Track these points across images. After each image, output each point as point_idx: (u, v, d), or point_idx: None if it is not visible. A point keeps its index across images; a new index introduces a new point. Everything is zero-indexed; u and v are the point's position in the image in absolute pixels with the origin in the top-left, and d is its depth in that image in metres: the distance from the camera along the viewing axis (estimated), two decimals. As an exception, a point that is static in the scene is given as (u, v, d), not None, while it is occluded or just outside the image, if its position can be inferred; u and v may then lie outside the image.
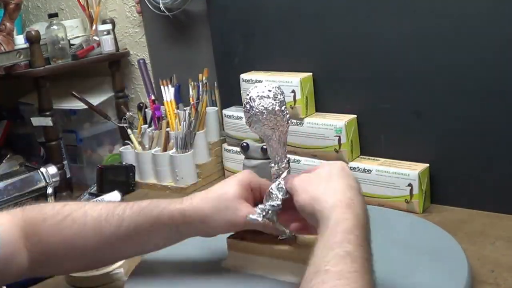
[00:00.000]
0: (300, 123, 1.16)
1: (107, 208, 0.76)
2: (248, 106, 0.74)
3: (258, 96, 0.73)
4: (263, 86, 0.73)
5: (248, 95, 0.74)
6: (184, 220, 0.74)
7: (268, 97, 0.72)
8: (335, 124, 1.12)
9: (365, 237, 0.59)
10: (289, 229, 0.73)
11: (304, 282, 0.54)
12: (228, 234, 0.80)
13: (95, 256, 0.77)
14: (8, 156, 1.58)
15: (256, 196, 0.76)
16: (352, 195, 0.63)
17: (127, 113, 1.51)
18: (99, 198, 1.20)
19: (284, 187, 0.72)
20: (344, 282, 0.52)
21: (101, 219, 0.75)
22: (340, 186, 0.64)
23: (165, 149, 1.39)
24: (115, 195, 1.18)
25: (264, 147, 1.05)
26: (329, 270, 0.53)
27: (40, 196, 1.32)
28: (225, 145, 1.36)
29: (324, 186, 0.65)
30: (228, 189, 0.74)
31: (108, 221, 0.75)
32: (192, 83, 1.41)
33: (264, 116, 0.72)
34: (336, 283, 0.52)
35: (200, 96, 1.40)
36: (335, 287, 0.51)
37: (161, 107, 1.46)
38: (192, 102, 1.39)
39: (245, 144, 1.08)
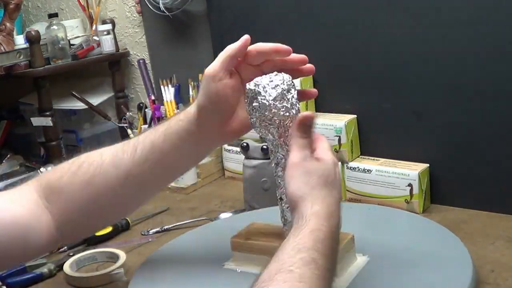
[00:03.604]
0: (300, 123, 1.16)
1: (122, 142, 0.76)
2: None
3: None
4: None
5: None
6: (189, 122, 0.73)
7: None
8: (335, 124, 1.12)
9: (333, 248, 0.62)
10: None
11: (265, 273, 0.56)
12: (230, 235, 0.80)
13: (120, 193, 0.75)
14: (8, 156, 1.58)
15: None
16: (334, 209, 0.65)
17: (127, 113, 1.51)
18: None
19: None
20: (302, 285, 0.55)
21: (118, 151, 0.75)
22: (328, 198, 0.65)
23: (165, 149, 1.39)
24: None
25: (264, 147, 1.06)
26: (293, 271, 0.56)
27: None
28: (225, 145, 1.36)
29: (316, 191, 0.65)
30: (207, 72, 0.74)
31: (125, 150, 0.74)
32: (192, 83, 1.41)
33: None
34: (295, 284, 0.55)
35: (200, 96, 1.39)
36: (293, 287, 0.54)
37: (161, 107, 1.46)
38: (192, 102, 1.39)
39: (245, 144, 1.09)
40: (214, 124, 0.74)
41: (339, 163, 0.72)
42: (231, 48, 0.74)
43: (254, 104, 0.71)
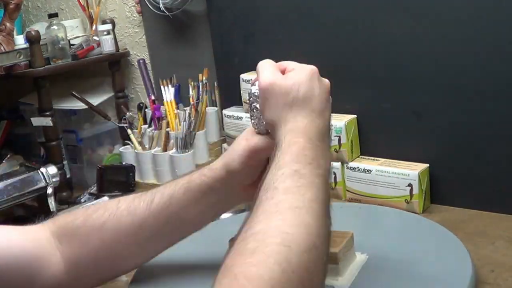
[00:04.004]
0: (300, 123, 1.16)
1: (140, 193, 0.75)
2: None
3: None
4: None
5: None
6: (213, 179, 0.72)
7: None
8: (335, 124, 1.12)
9: (316, 156, 0.60)
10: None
11: (256, 201, 0.56)
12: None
13: (132, 243, 0.73)
14: (8, 156, 1.58)
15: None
16: (309, 120, 0.64)
17: (127, 113, 1.51)
18: (99, 199, 1.19)
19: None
20: (290, 196, 0.55)
21: (135, 199, 0.74)
22: (301, 112, 0.64)
23: (165, 149, 1.39)
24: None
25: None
26: (277, 187, 0.56)
27: (40, 196, 1.32)
28: (225, 145, 1.36)
29: (286, 110, 0.65)
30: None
31: (142, 199, 0.73)
32: (192, 83, 1.41)
33: None
34: (281, 198, 0.55)
35: (200, 96, 1.40)
36: (281, 201, 0.54)
37: (161, 107, 1.46)
38: (192, 102, 1.39)
39: (245, 144, 1.08)
40: (241, 185, 0.74)
41: (326, 84, 0.71)
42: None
43: (254, 104, 0.71)
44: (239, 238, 0.53)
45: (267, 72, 0.67)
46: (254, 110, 0.71)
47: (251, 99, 0.72)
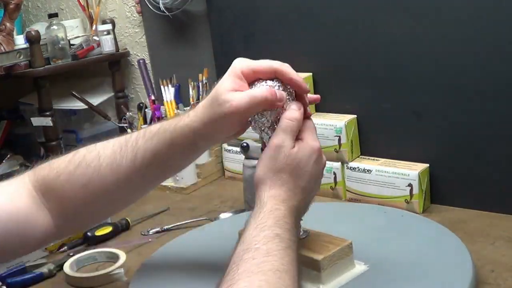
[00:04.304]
0: (300, 123, 1.16)
1: (119, 143, 0.74)
2: None
3: None
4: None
5: None
6: (195, 134, 0.71)
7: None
8: (335, 124, 1.12)
9: (294, 225, 0.65)
10: None
11: (234, 257, 0.59)
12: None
13: (117, 195, 0.75)
14: (8, 156, 1.58)
15: (251, 80, 0.73)
16: (292, 194, 0.67)
17: (127, 113, 1.51)
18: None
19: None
20: (271, 258, 0.57)
21: (116, 155, 0.74)
22: (289, 184, 0.67)
23: (165, 149, 1.39)
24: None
25: (264, 147, 1.06)
26: (259, 248, 0.59)
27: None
28: (225, 145, 1.36)
29: (277, 177, 0.67)
30: (219, 86, 0.71)
31: (123, 155, 0.73)
32: (192, 83, 1.41)
33: None
34: (264, 259, 0.57)
35: (200, 96, 1.40)
36: (264, 262, 0.57)
37: (161, 107, 1.46)
38: (192, 102, 1.39)
39: (245, 144, 1.09)
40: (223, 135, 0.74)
41: (323, 164, 0.72)
42: (265, 100, 0.70)
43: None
44: None
45: (282, 131, 0.69)
46: (257, 119, 0.71)
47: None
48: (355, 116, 1.14)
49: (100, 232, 1.05)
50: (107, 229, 1.06)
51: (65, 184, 0.73)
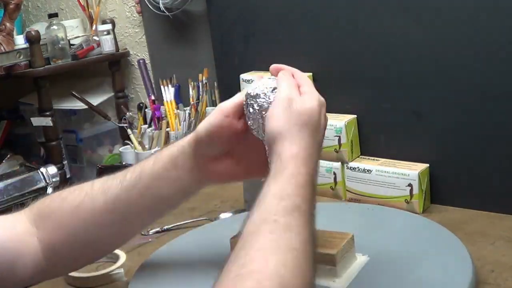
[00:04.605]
0: (300, 123, 1.16)
1: (113, 174, 0.76)
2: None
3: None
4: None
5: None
6: (184, 153, 0.72)
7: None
8: (335, 124, 1.12)
9: (313, 193, 0.62)
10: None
11: (250, 224, 0.56)
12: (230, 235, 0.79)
13: (107, 223, 0.73)
14: (8, 156, 1.58)
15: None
16: (312, 151, 0.64)
17: (127, 113, 1.51)
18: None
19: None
20: (289, 235, 0.55)
21: (108, 178, 0.74)
22: (307, 139, 0.64)
23: (165, 149, 1.39)
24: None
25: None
26: (277, 220, 0.56)
27: (40, 196, 1.32)
28: (225, 145, 1.36)
29: (295, 130, 0.64)
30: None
31: (114, 177, 0.74)
32: (192, 83, 1.41)
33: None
34: (282, 235, 0.55)
35: (200, 96, 1.40)
36: (280, 238, 0.55)
37: (161, 107, 1.46)
38: (192, 102, 1.39)
39: (245, 144, 1.08)
40: (205, 157, 0.73)
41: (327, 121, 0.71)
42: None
43: (254, 107, 0.71)
44: (233, 268, 0.53)
45: (287, 85, 0.68)
46: (251, 111, 0.71)
47: (247, 100, 0.72)
48: (355, 116, 1.14)
49: (100, 232, 1.04)
50: (107, 229, 1.06)
51: (56, 209, 0.73)
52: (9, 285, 0.73)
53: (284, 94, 0.67)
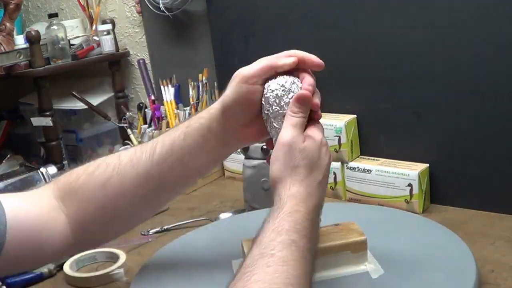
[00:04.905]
0: (300, 123, 1.16)
1: (140, 144, 0.75)
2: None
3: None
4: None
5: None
6: (211, 119, 0.72)
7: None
8: (335, 124, 1.12)
9: (312, 228, 0.63)
10: None
11: (249, 259, 0.58)
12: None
13: (138, 197, 0.73)
14: (8, 156, 1.58)
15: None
16: (312, 190, 0.66)
17: (127, 113, 1.51)
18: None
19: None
20: (285, 268, 0.57)
21: (136, 151, 0.73)
22: (307, 179, 0.66)
23: (165, 149, 1.39)
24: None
25: (264, 147, 1.06)
26: (275, 254, 0.58)
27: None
28: (225, 145, 1.36)
29: (295, 173, 0.66)
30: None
31: (143, 150, 0.73)
32: (192, 83, 1.41)
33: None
34: (278, 268, 0.57)
35: (200, 96, 1.40)
36: (277, 271, 0.56)
37: (161, 107, 1.46)
38: (192, 102, 1.39)
39: (245, 144, 1.08)
40: (237, 124, 0.73)
41: (329, 154, 0.72)
42: (276, 61, 0.73)
43: (273, 107, 0.71)
44: None
45: (292, 127, 0.68)
46: (267, 106, 0.72)
47: (263, 103, 0.72)
48: (355, 116, 1.14)
49: (100, 232, 1.04)
50: (107, 229, 1.06)
51: (84, 185, 0.72)
52: (38, 261, 0.74)
53: (286, 137, 0.68)
